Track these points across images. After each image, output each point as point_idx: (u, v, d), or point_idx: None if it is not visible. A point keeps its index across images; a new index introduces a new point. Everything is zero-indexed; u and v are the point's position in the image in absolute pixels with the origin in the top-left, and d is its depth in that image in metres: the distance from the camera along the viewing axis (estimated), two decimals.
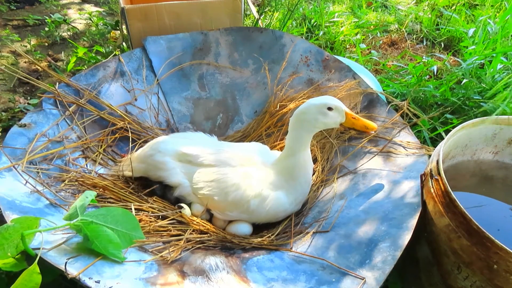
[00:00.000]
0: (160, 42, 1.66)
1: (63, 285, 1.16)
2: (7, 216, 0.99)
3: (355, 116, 1.24)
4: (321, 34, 2.51)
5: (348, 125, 1.25)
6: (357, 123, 1.24)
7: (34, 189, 1.15)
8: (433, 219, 1.06)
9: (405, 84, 2.03)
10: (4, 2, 2.94)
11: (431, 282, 1.14)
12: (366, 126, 1.24)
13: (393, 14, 2.86)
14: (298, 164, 1.28)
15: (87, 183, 1.28)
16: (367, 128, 1.24)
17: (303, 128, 1.25)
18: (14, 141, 1.26)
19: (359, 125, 1.24)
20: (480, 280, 0.97)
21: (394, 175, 1.29)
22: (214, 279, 1.02)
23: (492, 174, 1.35)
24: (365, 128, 1.25)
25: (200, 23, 1.78)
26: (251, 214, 1.27)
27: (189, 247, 1.15)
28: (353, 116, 1.24)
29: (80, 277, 0.87)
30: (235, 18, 1.80)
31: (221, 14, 1.78)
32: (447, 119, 1.80)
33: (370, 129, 1.25)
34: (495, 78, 1.90)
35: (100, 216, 0.97)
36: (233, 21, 1.81)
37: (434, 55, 2.39)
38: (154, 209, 1.26)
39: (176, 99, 1.68)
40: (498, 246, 0.89)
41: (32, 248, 0.90)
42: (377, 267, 1.01)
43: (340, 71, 1.63)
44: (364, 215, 1.20)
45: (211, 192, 1.27)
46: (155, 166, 1.33)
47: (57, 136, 1.36)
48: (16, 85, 2.10)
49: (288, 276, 1.06)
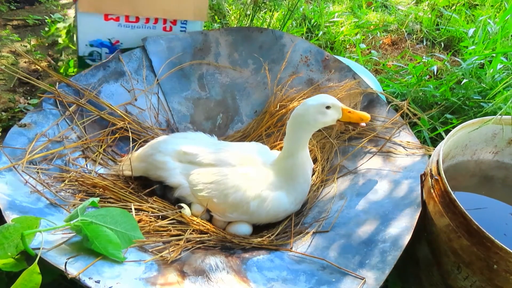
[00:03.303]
0: (160, 42, 1.66)
1: (63, 285, 1.15)
2: (7, 216, 0.99)
3: (351, 110, 1.27)
4: (321, 34, 2.51)
5: (345, 120, 1.27)
6: (353, 116, 1.26)
7: (34, 189, 1.15)
8: (433, 219, 1.06)
9: (405, 84, 2.03)
10: (4, 2, 2.94)
11: (431, 282, 1.14)
12: (361, 117, 1.26)
13: (393, 14, 2.86)
14: (297, 164, 1.28)
15: (87, 183, 1.28)
16: (362, 119, 1.27)
17: (302, 129, 1.25)
18: (14, 141, 1.26)
19: (355, 118, 1.27)
20: (480, 280, 0.97)
21: (394, 175, 1.29)
22: (214, 279, 1.02)
23: (492, 174, 1.35)
24: (361, 120, 1.27)
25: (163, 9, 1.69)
26: (251, 216, 1.27)
27: (189, 247, 1.15)
28: (348, 111, 1.26)
29: (80, 277, 0.87)
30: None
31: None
32: (447, 119, 1.80)
33: (365, 120, 1.27)
34: (495, 78, 1.90)
35: (100, 216, 0.97)
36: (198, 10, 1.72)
37: (434, 55, 2.39)
38: (154, 209, 1.26)
39: (176, 99, 1.68)
40: (498, 246, 0.89)
41: (32, 248, 0.90)
42: (377, 267, 1.01)
43: (340, 71, 1.63)
44: (364, 215, 1.20)
45: (211, 194, 1.27)
46: (155, 165, 1.33)
47: (57, 136, 1.36)
48: (16, 85, 2.10)
49: (288, 276, 1.06)
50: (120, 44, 1.73)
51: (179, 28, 1.76)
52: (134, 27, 1.70)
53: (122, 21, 1.68)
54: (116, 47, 1.73)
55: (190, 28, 1.77)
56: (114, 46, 1.74)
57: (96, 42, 1.71)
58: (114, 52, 1.65)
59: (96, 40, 1.70)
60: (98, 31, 1.68)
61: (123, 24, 1.69)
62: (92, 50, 1.73)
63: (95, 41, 1.71)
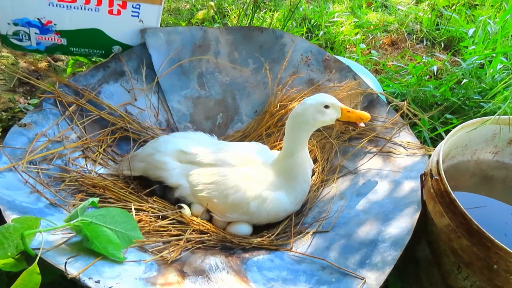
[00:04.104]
0: (159, 34, 1.64)
1: (63, 285, 1.15)
2: (7, 216, 0.99)
3: (350, 109, 1.26)
4: (321, 34, 2.51)
5: (344, 119, 1.27)
6: (352, 116, 1.26)
7: (34, 189, 1.15)
8: (433, 219, 1.06)
9: (405, 84, 2.03)
10: None
11: (431, 282, 1.14)
12: (360, 117, 1.26)
13: (393, 14, 2.86)
14: (296, 164, 1.28)
15: (87, 183, 1.28)
16: (362, 118, 1.26)
17: (301, 129, 1.25)
18: (14, 141, 1.26)
19: (354, 118, 1.26)
20: (480, 280, 0.97)
21: (394, 175, 1.29)
22: (214, 279, 1.02)
23: (492, 174, 1.36)
24: (360, 119, 1.26)
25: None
26: (251, 216, 1.27)
27: (189, 247, 1.15)
28: (348, 110, 1.25)
29: (80, 277, 0.87)
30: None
31: None
32: (447, 119, 1.80)
33: (364, 119, 1.26)
34: (495, 78, 1.90)
35: (100, 216, 0.97)
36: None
37: (434, 55, 2.38)
38: (154, 209, 1.26)
39: (176, 98, 1.68)
40: (498, 246, 0.89)
41: (32, 248, 0.90)
42: (377, 267, 1.02)
43: (340, 71, 1.63)
44: (364, 215, 1.20)
45: (211, 194, 1.26)
46: (155, 165, 1.33)
47: (57, 136, 1.36)
48: (16, 85, 2.10)
49: (288, 276, 1.06)
50: (53, 25, 1.47)
51: (129, 13, 1.52)
52: (70, 7, 1.43)
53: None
54: (49, 28, 1.48)
55: (144, 15, 1.54)
56: (46, 27, 1.48)
57: (21, 21, 1.45)
58: (47, 33, 1.49)
59: (22, 19, 1.44)
60: (22, 9, 1.42)
61: (55, 3, 1.42)
62: (17, 30, 1.47)
63: (20, 20, 1.45)
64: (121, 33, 1.61)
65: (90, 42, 1.59)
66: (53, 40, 1.43)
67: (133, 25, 1.58)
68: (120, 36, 1.61)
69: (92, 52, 1.63)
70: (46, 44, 1.46)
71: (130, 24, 1.58)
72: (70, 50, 1.59)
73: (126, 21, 1.57)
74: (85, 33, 1.56)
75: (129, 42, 1.63)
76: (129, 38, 1.63)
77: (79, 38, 1.56)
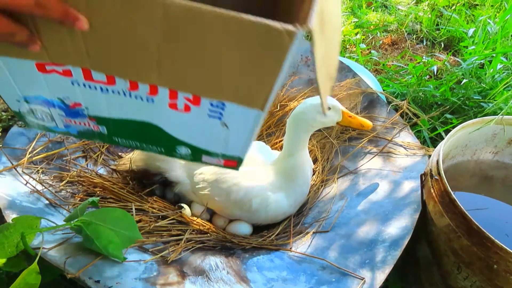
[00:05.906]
0: None
1: (63, 285, 1.16)
2: (7, 216, 0.99)
3: (351, 114, 1.26)
4: None
5: (345, 124, 1.27)
6: (353, 121, 1.26)
7: (34, 189, 1.15)
8: (433, 219, 1.06)
9: (405, 84, 2.03)
10: None
11: (431, 282, 1.14)
12: (362, 124, 1.26)
13: (393, 14, 2.86)
14: (296, 165, 1.28)
15: (87, 183, 1.28)
16: (363, 126, 1.26)
17: (301, 128, 1.25)
18: (14, 141, 1.26)
19: (355, 124, 1.26)
20: (480, 280, 0.97)
21: (394, 175, 1.29)
22: (214, 279, 1.02)
23: (492, 174, 1.36)
24: (361, 126, 1.26)
25: None
26: (252, 214, 1.27)
27: (189, 247, 1.15)
28: (349, 115, 1.25)
29: (79, 276, 0.87)
30: None
31: None
32: (447, 119, 1.80)
33: (366, 127, 1.26)
34: (495, 78, 1.90)
35: (100, 216, 0.97)
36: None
37: (434, 55, 2.38)
38: (154, 209, 1.26)
39: None
40: (498, 246, 0.89)
41: (32, 248, 0.90)
42: (377, 267, 1.02)
43: (340, 71, 1.63)
44: (364, 215, 1.20)
45: (212, 192, 1.27)
46: (156, 156, 1.32)
47: (57, 136, 1.36)
48: None
49: (288, 276, 1.06)
50: (84, 108, 0.83)
51: (205, 111, 0.73)
52: (107, 91, 0.78)
53: (77, 76, 0.71)
54: (78, 111, 0.86)
55: (230, 118, 0.73)
56: (73, 110, 0.87)
57: (35, 99, 0.87)
58: (77, 117, 0.86)
59: (36, 97, 0.85)
60: (27, 86, 0.81)
61: (81, 82, 0.77)
62: (33, 108, 0.87)
63: (34, 98, 0.87)
64: (189, 133, 0.82)
65: (144, 137, 0.96)
66: (87, 125, 0.88)
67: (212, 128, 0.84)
68: (187, 136, 0.87)
69: (148, 148, 0.96)
70: (78, 128, 0.90)
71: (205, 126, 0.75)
72: (115, 141, 0.99)
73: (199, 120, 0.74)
74: (134, 125, 0.85)
75: (197, 144, 0.87)
76: (199, 139, 0.86)
77: (126, 128, 0.93)
